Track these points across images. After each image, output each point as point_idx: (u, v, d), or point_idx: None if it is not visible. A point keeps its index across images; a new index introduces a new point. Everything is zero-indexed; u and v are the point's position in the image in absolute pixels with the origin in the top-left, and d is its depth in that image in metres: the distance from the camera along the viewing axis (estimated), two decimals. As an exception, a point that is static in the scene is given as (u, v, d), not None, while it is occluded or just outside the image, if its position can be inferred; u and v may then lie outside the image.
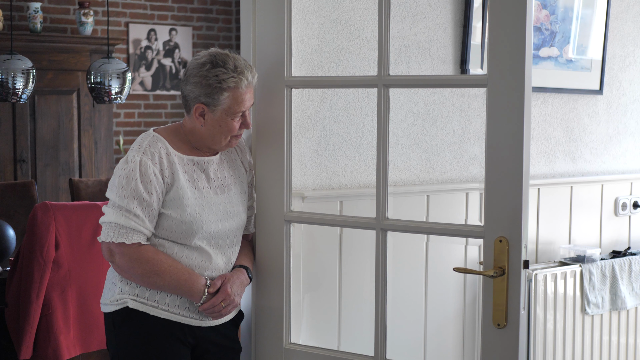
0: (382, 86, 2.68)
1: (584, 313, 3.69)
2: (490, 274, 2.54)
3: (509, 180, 2.52)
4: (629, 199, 4.07)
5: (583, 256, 3.71)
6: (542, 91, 3.71)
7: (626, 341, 3.88)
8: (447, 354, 3.45)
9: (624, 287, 3.81)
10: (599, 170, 4.00)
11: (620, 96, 4.04)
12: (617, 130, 4.05)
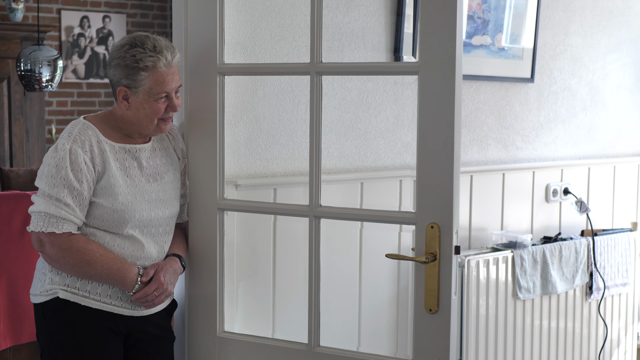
0: (315, 73, 2.68)
1: (516, 298, 3.74)
2: (422, 260, 2.56)
3: (440, 167, 2.54)
4: (560, 185, 4.13)
5: (515, 242, 3.76)
6: (475, 79, 3.75)
7: (557, 325, 3.95)
8: (381, 340, 3.48)
9: (555, 272, 3.87)
10: (530, 157, 4.06)
11: (551, 84, 4.10)
12: (548, 117, 4.11)
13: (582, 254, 4.00)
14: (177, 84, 2.62)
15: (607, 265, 4.14)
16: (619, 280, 4.21)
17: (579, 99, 4.24)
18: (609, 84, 4.39)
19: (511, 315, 3.73)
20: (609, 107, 4.40)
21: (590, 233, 4.09)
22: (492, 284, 3.64)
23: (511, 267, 3.71)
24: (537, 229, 4.07)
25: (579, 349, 4.07)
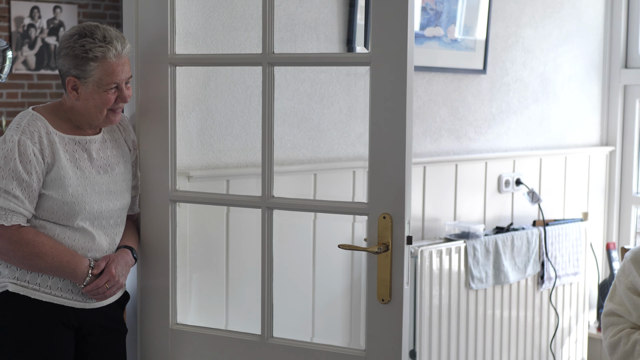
0: (267, 64, 2.67)
1: (468, 288, 3.77)
2: (375, 250, 2.57)
3: (392, 158, 2.55)
4: (512, 176, 4.17)
5: (467, 232, 3.78)
6: (428, 70, 3.76)
7: (509, 314, 3.99)
8: (335, 331, 3.48)
9: (507, 262, 3.90)
10: (483, 148, 4.08)
11: (503, 75, 4.13)
12: (501, 109, 4.14)
13: (534, 243, 4.04)
14: (128, 74, 2.60)
15: (559, 255, 4.18)
16: (570, 269, 4.26)
17: (530, 90, 4.28)
18: (560, 76, 4.44)
19: (464, 305, 3.76)
20: (560, 98, 4.45)
21: (542, 223, 4.13)
22: (445, 274, 3.66)
23: (464, 257, 3.74)
24: (490, 220, 4.11)
25: (530, 337, 4.12)
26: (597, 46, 4.64)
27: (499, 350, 3.96)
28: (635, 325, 3.28)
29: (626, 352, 3.23)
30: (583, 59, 4.56)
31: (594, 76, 4.64)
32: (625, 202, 4.75)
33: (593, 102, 4.67)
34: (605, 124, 4.73)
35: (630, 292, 3.30)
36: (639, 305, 3.25)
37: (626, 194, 4.74)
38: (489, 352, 3.90)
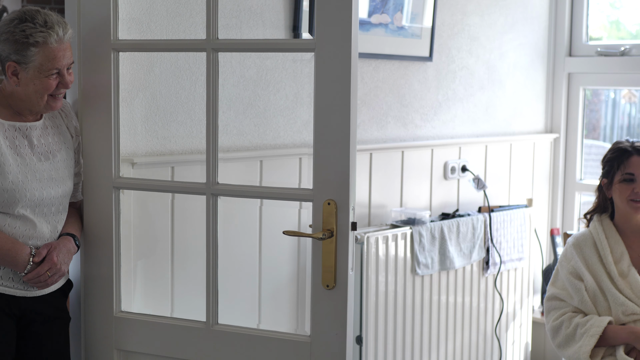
0: (211, 50, 2.66)
1: (415, 274, 3.80)
2: (319, 236, 2.58)
3: (337, 144, 2.56)
4: (458, 163, 4.20)
5: (413, 219, 3.80)
6: (374, 57, 3.77)
7: (454, 300, 4.03)
8: (282, 317, 3.49)
9: (453, 248, 3.94)
10: (429, 135, 4.11)
11: (449, 63, 4.15)
12: (447, 96, 4.17)
13: (479, 229, 4.08)
14: (69, 60, 2.57)
15: (504, 241, 4.23)
16: (515, 255, 4.31)
17: (476, 77, 4.31)
18: (506, 64, 4.48)
19: (410, 290, 3.79)
20: (506, 86, 4.49)
21: (487, 209, 4.17)
22: (391, 260, 3.68)
23: (410, 243, 3.76)
24: (436, 206, 4.14)
25: (476, 322, 4.16)
26: (542, 34, 4.69)
27: (445, 335, 3.99)
28: (576, 309, 3.33)
29: (568, 336, 3.28)
30: (528, 47, 4.61)
31: (539, 64, 4.69)
32: (569, 189, 4.82)
33: (538, 89, 4.72)
34: (550, 111, 4.79)
35: (572, 277, 3.35)
36: (580, 289, 3.31)
37: (570, 181, 4.81)
38: (434, 337, 3.93)
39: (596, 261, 3.32)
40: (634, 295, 3.25)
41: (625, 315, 3.25)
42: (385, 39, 3.80)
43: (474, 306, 4.15)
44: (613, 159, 3.37)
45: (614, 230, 3.38)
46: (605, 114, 17.56)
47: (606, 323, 3.20)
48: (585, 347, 3.18)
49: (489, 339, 4.25)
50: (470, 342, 4.14)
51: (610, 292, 3.26)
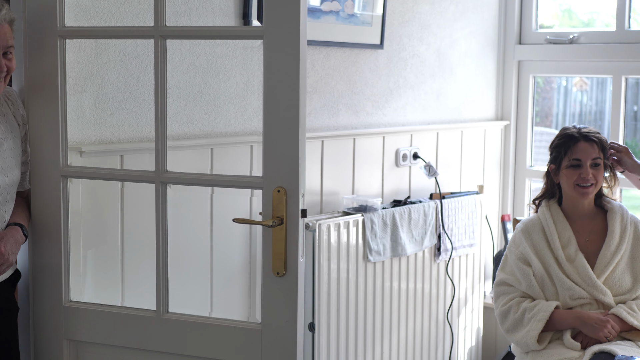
0: (159, 37, 2.64)
1: (366, 261, 3.81)
2: (269, 224, 2.58)
3: (286, 132, 2.56)
4: (409, 150, 4.23)
5: (365, 206, 3.82)
6: (325, 45, 3.77)
7: (406, 286, 4.05)
8: (234, 305, 3.49)
9: (404, 235, 3.96)
10: (380, 122, 4.12)
11: (400, 51, 4.17)
12: (398, 83, 4.18)
13: (431, 216, 4.11)
14: (7, 43, 2.52)
15: (455, 227, 4.26)
16: (466, 241, 4.35)
17: (427, 65, 4.33)
18: (457, 51, 4.50)
19: (362, 277, 3.80)
20: (457, 73, 4.52)
21: (439, 196, 4.20)
22: (343, 247, 3.70)
23: (362, 230, 3.78)
24: (388, 193, 4.16)
25: (428, 308, 4.19)
26: (492, 22, 4.72)
27: (397, 321, 4.02)
28: (525, 294, 3.38)
29: (516, 320, 3.33)
30: (478, 35, 4.64)
31: (489, 52, 4.73)
32: (520, 175, 4.87)
33: (488, 77, 4.76)
34: (500, 98, 4.83)
35: (520, 262, 3.40)
36: (528, 274, 3.35)
37: (520, 167, 4.86)
38: (387, 323, 3.96)
39: (544, 246, 3.37)
40: (581, 279, 3.31)
41: (572, 300, 3.30)
42: (336, 27, 3.80)
43: (426, 292, 4.18)
44: (560, 145, 3.42)
45: (561, 215, 3.43)
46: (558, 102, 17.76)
47: (553, 308, 3.26)
48: (533, 331, 3.23)
49: (441, 324, 4.28)
50: (422, 328, 4.18)
51: (557, 276, 3.31)
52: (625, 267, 3.35)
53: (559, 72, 4.86)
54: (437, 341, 4.27)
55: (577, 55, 4.59)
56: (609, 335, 3.19)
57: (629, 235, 3.38)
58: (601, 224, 3.43)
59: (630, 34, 4.40)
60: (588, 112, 15.74)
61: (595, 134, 3.38)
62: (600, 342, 3.19)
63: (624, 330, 3.26)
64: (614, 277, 3.32)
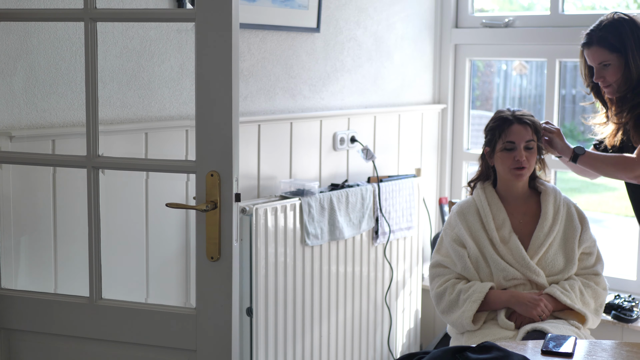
0: (89, 20, 2.61)
1: (304, 244, 3.82)
2: (203, 208, 2.56)
3: (218, 115, 2.55)
4: (347, 134, 4.23)
5: (302, 190, 3.82)
6: (261, 28, 3.75)
7: (344, 270, 4.07)
8: (171, 291, 3.47)
9: (342, 219, 3.97)
10: (318, 106, 4.12)
11: (337, 34, 4.17)
12: (335, 67, 4.18)
13: (368, 200, 4.13)
14: None
15: (392, 210, 4.29)
16: (404, 224, 4.38)
17: (364, 49, 4.34)
18: (394, 35, 4.52)
19: (300, 261, 3.81)
20: (394, 57, 4.54)
21: (376, 179, 4.22)
22: (281, 231, 3.70)
23: (299, 214, 3.78)
24: (326, 177, 4.16)
25: (366, 291, 4.21)
26: (429, 6, 4.74)
27: (335, 304, 4.03)
28: (460, 275, 3.41)
29: (451, 302, 3.36)
30: (415, 19, 4.66)
31: (426, 35, 4.76)
32: (457, 158, 4.91)
33: (425, 61, 4.78)
34: (438, 82, 4.86)
35: (455, 244, 3.43)
36: (463, 256, 3.39)
37: (457, 150, 4.90)
38: (325, 307, 3.97)
39: (479, 228, 3.41)
40: (515, 260, 3.35)
41: (507, 281, 3.34)
42: (272, 10, 3.78)
43: (364, 275, 4.20)
44: (495, 128, 3.45)
45: (496, 197, 3.46)
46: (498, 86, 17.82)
47: (488, 289, 3.30)
48: (468, 312, 3.27)
49: (379, 307, 4.31)
50: (361, 311, 4.20)
51: (492, 258, 3.35)
52: (558, 248, 3.40)
53: (495, 56, 4.91)
54: (376, 324, 4.30)
55: (513, 39, 4.63)
56: (542, 314, 3.24)
57: (561, 217, 3.43)
58: (535, 205, 3.47)
59: (565, 17, 4.46)
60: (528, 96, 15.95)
61: (528, 117, 3.42)
62: (533, 321, 3.24)
63: (557, 310, 3.32)
64: (547, 258, 3.37)
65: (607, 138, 3.44)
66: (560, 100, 4.60)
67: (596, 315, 3.38)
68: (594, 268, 3.46)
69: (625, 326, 4.13)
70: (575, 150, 3.36)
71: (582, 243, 3.43)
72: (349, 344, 4.15)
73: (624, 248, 4.39)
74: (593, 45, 3.30)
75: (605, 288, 3.45)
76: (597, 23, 3.33)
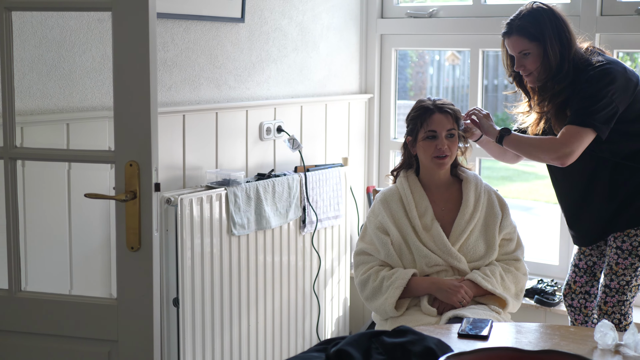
0: (4, 9, 2.58)
1: (231, 234, 3.82)
2: (122, 198, 2.56)
3: (136, 106, 2.55)
4: (273, 123, 4.25)
5: (228, 180, 3.82)
6: (184, 18, 3.74)
7: (272, 259, 4.09)
8: (96, 282, 3.45)
9: (268, 208, 3.99)
10: (243, 96, 4.13)
11: (261, 24, 4.17)
12: (260, 57, 4.19)
13: (295, 189, 4.15)
14: None
15: (320, 199, 4.32)
16: (331, 213, 4.41)
17: (290, 39, 4.35)
18: (319, 25, 4.54)
19: (227, 251, 3.81)
20: (320, 47, 4.56)
21: (303, 169, 4.24)
22: (207, 221, 3.70)
23: (225, 204, 3.78)
24: (253, 167, 4.17)
25: (294, 280, 4.24)
26: (355, -4, 4.79)
27: (264, 294, 4.05)
28: (383, 262, 3.46)
29: (374, 289, 3.40)
30: (341, 9, 4.68)
31: (352, 26, 4.79)
32: (384, 147, 4.96)
33: (352, 51, 4.82)
34: (364, 72, 4.90)
35: (379, 232, 3.47)
36: (386, 243, 3.43)
37: (384, 139, 4.95)
38: (253, 296, 3.98)
39: (402, 215, 3.45)
40: (437, 247, 3.40)
41: (429, 267, 3.40)
42: (196, 0, 3.77)
43: (292, 264, 4.22)
44: (416, 117, 3.50)
45: (419, 185, 3.51)
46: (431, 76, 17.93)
47: (410, 275, 3.34)
48: (390, 298, 3.31)
49: (308, 296, 4.34)
50: (289, 300, 4.22)
51: (414, 245, 3.40)
52: (479, 234, 3.46)
53: (420, 46, 4.96)
54: (305, 312, 4.33)
55: (437, 29, 4.69)
56: (463, 300, 3.30)
57: (482, 204, 3.49)
58: (457, 193, 3.53)
59: (487, 7, 4.53)
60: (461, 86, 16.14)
61: (449, 106, 3.48)
62: (455, 307, 3.30)
63: (479, 295, 3.38)
64: (468, 244, 3.43)
65: (530, 127, 3.52)
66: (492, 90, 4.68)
67: (516, 300, 3.46)
68: (515, 254, 3.53)
69: (548, 310, 4.22)
70: (502, 131, 3.43)
71: (503, 229, 3.50)
72: (278, 332, 4.18)
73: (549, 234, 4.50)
74: (513, 35, 3.37)
75: (526, 273, 3.53)
76: (517, 13, 3.40)
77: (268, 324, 4.10)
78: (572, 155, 3.25)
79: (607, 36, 4.16)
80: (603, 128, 3.23)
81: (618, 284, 3.38)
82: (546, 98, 3.39)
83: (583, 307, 3.62)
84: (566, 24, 3.34)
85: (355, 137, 4.85)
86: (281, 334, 4.20)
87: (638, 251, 3.35)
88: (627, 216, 3.38)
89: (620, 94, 3.24)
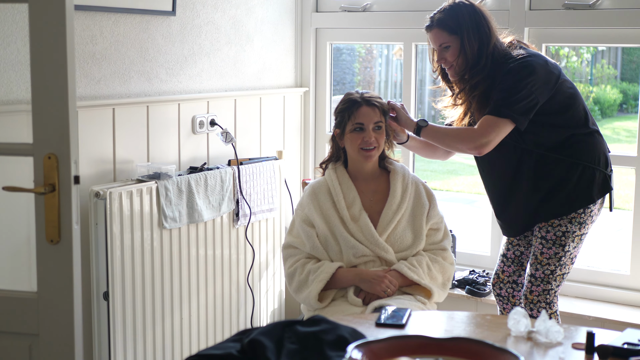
0: None
1: (162, 228, 3.82)
2: (41, 191, 2.55)
3: (54, 97, 2.53)
4: (206, 117, 4.25)
5: (159, 173, 3.82)
6: (113, 11, 3.73)
7: (205, 252, 4.09)
8: (22, 276, 3.42)
9: (201, 201, 3.99)
10: (175, 89, 4.12)
11: (193, 18, 4.17)
12: (193, 51, 4.19)
13: (228, 182, 4.15)
14: None
15: (254, 192, 4.33)
16: (265, 206, 4.43)
17: (223, 32, 4.35)
18: (253, 19, 4.55)
19: (158, 244, 3.81)
20: (254, 41, 4.57)
21: (236, 162, 4.25)
22: (137, 215, 3.69)
23: (156, 197, 3.78)
24: (185, 160, 4.17)
25: (228, 273, 4.25)
26: (289, -10, 4.80)
27: (197, 287, 4.05)
28: (310, 255, 3.49)
29: (301, 281, 3.43)
30: (275, 3, 4.70)
31: (287, 19, 4.80)
32: (320, 140, 4.99)
33: (287, 45, 4.83)
34: (299, 65, 4.92)
35: (304, 224, 3.50)
36: (312, 236, 3.46)
37: (320, 133, 4.98)
38: (185, 289, 3.99)
39: (330, 207, 3.48)
40: (364, 238, 3.44)
41: (356, 258, 3.43)
42: (125, -7, 3.76)
43: (226, 257, 4.23)
44: (344, 110, 3.53)
45: (347, 177, 3.55)
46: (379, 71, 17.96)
47: (335, 268, 3.38)
48: (314, 291, 3.35)
49: (242, 289, 4.35)
50: (223, 293, 4.23)
51: (342, 236, 3.43)
52: (406, 224, 3.50)
53: (355, 40, 5.00)
54: (239, 305, 4.34)
55: (371, 23, 4.72)
56: (387, 290, 3.34)
57: (409, 195, 3.53)
58: (385, 184, 3.57)
59: (419, 1, 4.57)
60: (409, 81, 16.22)
61: (376, 99, 3.51)
62: (380, 297, 3.33)
63: (405, 285, 3.43)
64: (396, 234, 3.47)
65: (456, 121, 3.57)
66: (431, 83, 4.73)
67: (443, 290, 3.51)
68: (442, 243, 3.58)
69: (479, 300, 4.29)
70: (419, 122, 3.48)
71: (430, 219, 3.55)
72: (212, 326, 4.18)
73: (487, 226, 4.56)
74: (434, 28, 3.42)
75: (453, 263, 3.58)
76: (440, 7, 3.45)
77: (202, 317, 4.11)
78: (489, 145, 3.31)
79: (536, 30, 4.23)
80: (521, 119, 3.29)
81: (543, 273, 3.45)
82: (463, 90, 3.45)
83: (511, 297, 3.68)
84: (486, 19, 3.40)
85: (290, 130, 4.87)
86: (215, 327, 4.20)
87: (562, 241, 3.42)
88: (551, 207, 3.44)
89: (540, 86, 3.30)
